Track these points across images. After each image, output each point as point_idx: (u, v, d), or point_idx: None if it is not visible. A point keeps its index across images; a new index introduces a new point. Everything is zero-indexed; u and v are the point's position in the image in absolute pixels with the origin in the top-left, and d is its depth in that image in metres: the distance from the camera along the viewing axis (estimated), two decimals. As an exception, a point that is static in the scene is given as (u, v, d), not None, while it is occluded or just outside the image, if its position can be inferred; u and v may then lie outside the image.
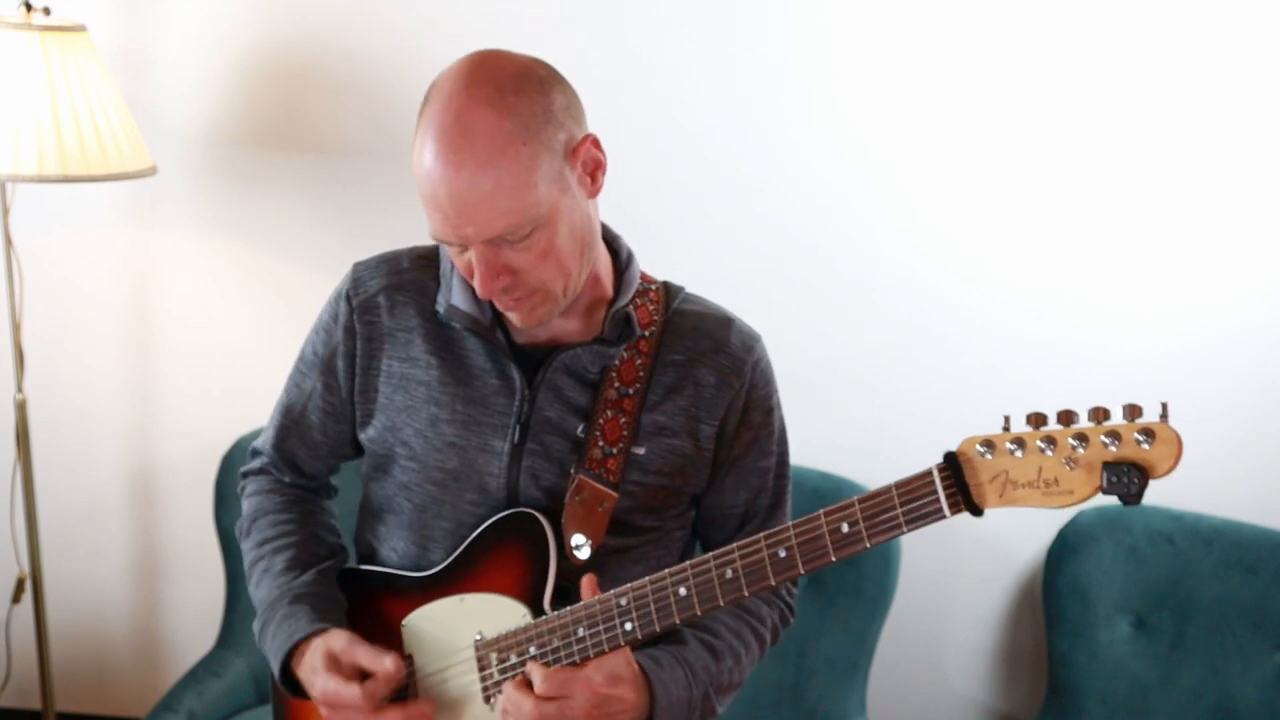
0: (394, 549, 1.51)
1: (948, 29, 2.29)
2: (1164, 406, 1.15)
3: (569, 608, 1.35)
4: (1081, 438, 1.15)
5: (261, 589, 1.51)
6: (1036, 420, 1.19)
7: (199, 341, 2.60)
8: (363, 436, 1.51)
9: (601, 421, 1.41)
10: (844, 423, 2.49)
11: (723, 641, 1.47)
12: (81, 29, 2.19)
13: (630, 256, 1.48)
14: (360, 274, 1.51)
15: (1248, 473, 2.41)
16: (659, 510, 1.47)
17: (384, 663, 1.38)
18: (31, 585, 2.49)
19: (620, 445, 1.42)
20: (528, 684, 1.34)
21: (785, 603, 1.58)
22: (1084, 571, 2.35)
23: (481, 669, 1.41)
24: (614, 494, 1.41)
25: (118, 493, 2.73)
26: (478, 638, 1.41)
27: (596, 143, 1.37)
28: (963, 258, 2.39)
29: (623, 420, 1.42)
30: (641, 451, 1.43)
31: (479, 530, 1.43)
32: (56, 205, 2.53)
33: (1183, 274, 2.35)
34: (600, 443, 1.41)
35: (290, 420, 1.55)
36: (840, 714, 2.36)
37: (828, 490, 2.39)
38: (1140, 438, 1.14)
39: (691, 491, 1.49)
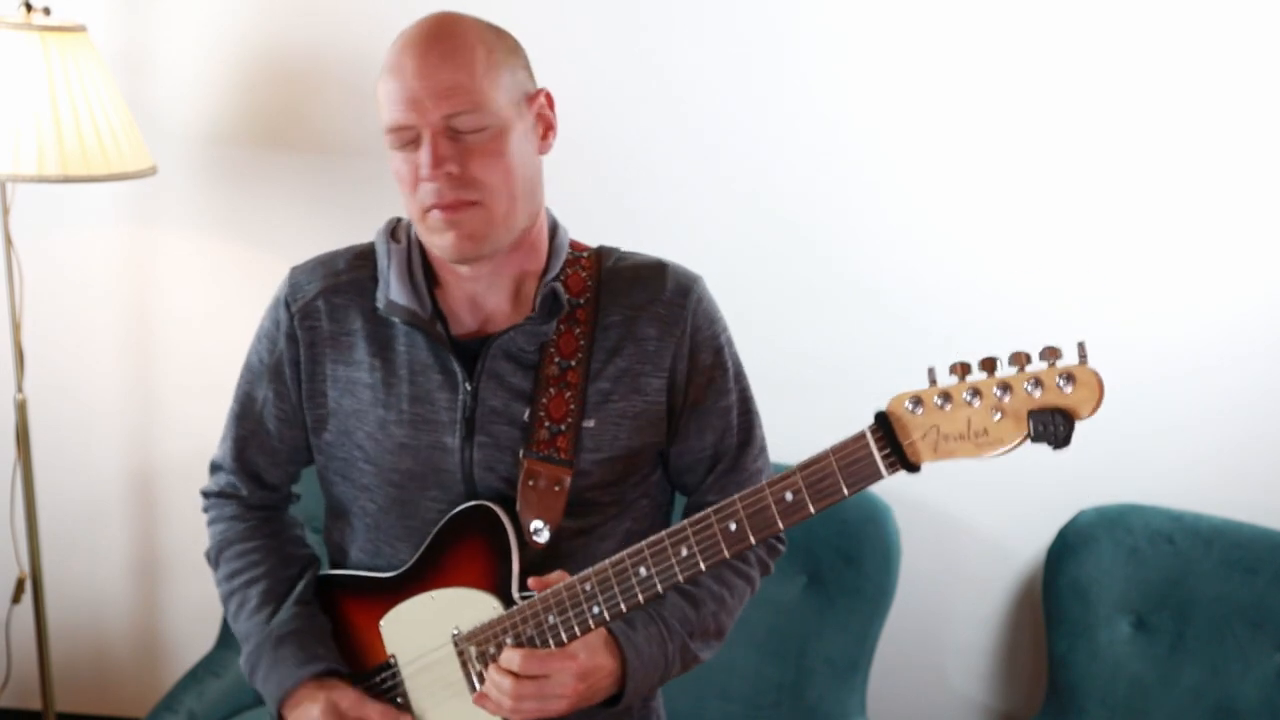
0: (363, 549, 1.52)
1: (949, 25, 2.29)
2: (1080, 346, 1.16)
3: (537, 596, 1.37)
4: (1005, 387, 1.16)
5: (240, 624, 1.54)
6: (961, 370, 1.20)
7: (199, 341, 2.60)
8: (316, 441, 1.51)
9: (545, 401, 1.41)
10: (843, 423, 2.48)
11: (702, 589, 1.47)
12: (81, 29, 2.19)
13: (556, 226, 1.49)
14: (297, 279, 1.51)
15: (1248, 473, 2.41)
16: (619, 482, 1.46)
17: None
18: (31, 585, 2.49)
19: (569, 421, 1.41)
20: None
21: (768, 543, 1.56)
22: (1084, 571, 2.35)
23: (463, 663, 1.43)
24: (568, 470, 1.41)
25: (118, 493, 2.73)
26: (455, 632, 1.42)
27: (551, 101, 1.43)
28: (963, 257, 2.39)
29: (568, 395, 1.41)
30: (591, 424, 1.42)
31: (439, 527, 1.44)
32: (56, 205, 2.53)
33: (1183, 274, 2.35)
34: (546, 423, 1.41)
35: (246, 430, 1.56)
36: (840, 714, 2.36)
37: (828, 490, 2.39)
38: (1061, 382, 1.15)
39: (651, 451, 1.48)
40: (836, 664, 2.38)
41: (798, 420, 2.50)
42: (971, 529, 2.53)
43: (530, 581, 1.37)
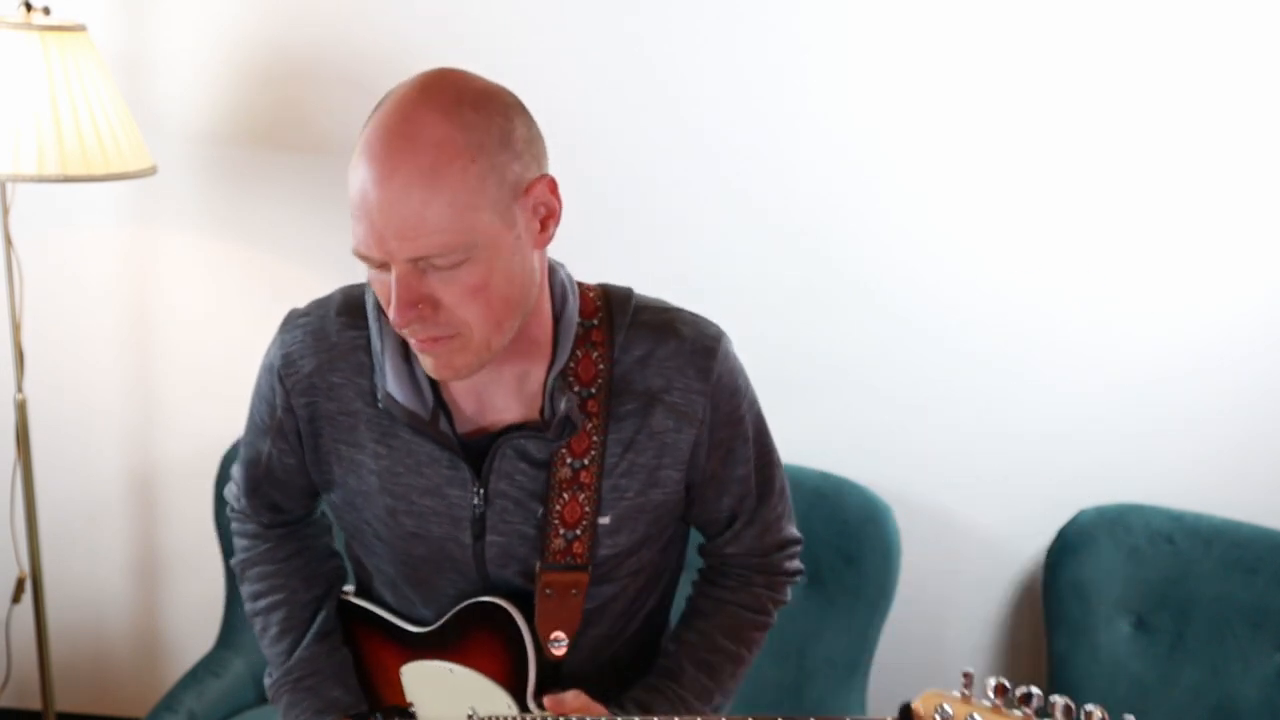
0: (384, 586, 1.50)
1: (951, 26, 2.29)
2: None
3: (551, 716, 1.35)
4: None
5: (264, 648, 1.53)
6: (999, 691, 1.12)
7: (199, 341, 2.60)
8: (326, 497, 1.46)
9: (558, 508, 1.33)
10: (844, 423, 2.49)
11: (720, 655, 1.46)
12: (81, 29, 2.18)
13: (565, 296, 1.34)
14: (289, 350, 1.38)
15: (1248, 473, 2.41)
16: (634, 556, 1.42)
17: None
18: (31, 585, 2.49)
19: (584, 524, 1.33)
20: None
21: (778, 580, 1.54)
22: (1084, 571, 2.35)
23: None
24: (585, 575, 1.35)
25: (118, 493, 2.73)
26: (470, 714, 1.41)
27: (553, 187, 1.24)
28: (964, 258, 2.39)
29: (582, 497, 1.33)
30: (607, 520, 1.35)
31: (459, 607, 1.41)
32: (56, 205, 2.53)
33: (1183, 274, 2.35)
34: (561, 530, 1.33)
35: (256, 475, 1.49)
36: (840, 714, 2.36)
37: (828, 490, 2.39)
38: None
39: (667, 531, 1.44)
40: (836, 664, 2.38)
41: (798, 420, 2.50)
42: (971, 529, 2.53)
43: (546, 701, 1.34)
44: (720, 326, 1.40)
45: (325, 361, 1.36)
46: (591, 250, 2.47)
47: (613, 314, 1.35)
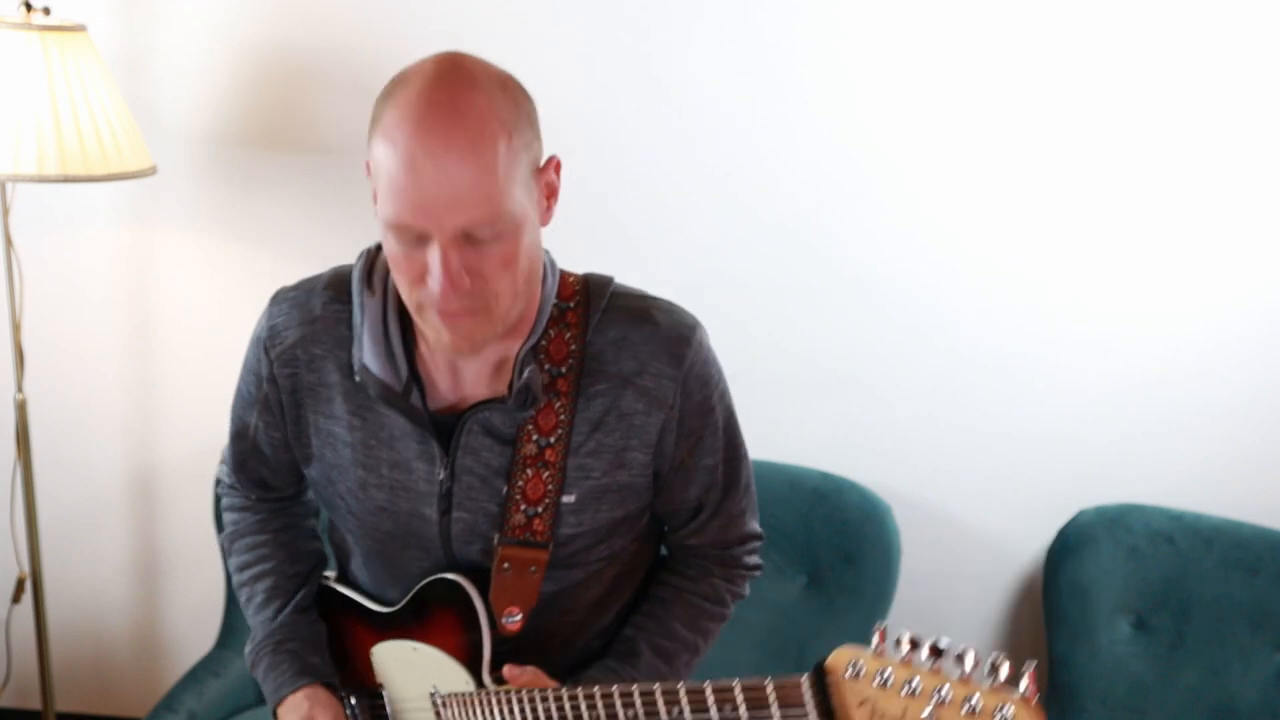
0: (359, 567, 1.54)
1: (953, 27, 2.29)
2: (1031, 683, 1.02)
3: (505, 689, 1.36)
4: (941, 700, 1.07)
5: (248, 616, 1.57)
6: (912, 642, 1.11)
7: (199, 341, 2.60)
8: (306, 470, 1.49)
9: (521, 483, 1.34)
10: (844, 423, 2.49)
11: (676, 642, 1.48)
12: (81, 29, 2.19)
13: (545, 274, 1.35)
14: (275, 321, 1.41)
15: (1248, 473, 2.41)
16: (602, 543, 1.43)
17: None
18: (31, 585, 2.49)
19: (546, 501, 1.35)
20: None
21: (737, 573, 1.54)
22: (1084, 571, 2.35)
23: (439, 718, 1.45)
24: (544, 552, 1.36)
25: (118, 493, 2.73)
26: (433, 690, 1.44)
27: (559, 167, 1.29)
28: (964, 257, 2.39)
29: (546, 475, 1.34)
30: (571, 499, 1.36)
31: (421, 585, 1.43)
32: (56, 205, 2.53)
33: (1183, 275, 2.35)
34: (522, 506, 1.35)
35: (244, 449, 1.53)
36: (840, 714, 2.36)
37: (828, 490, 2.39)
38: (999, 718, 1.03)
39: (636, 514, 1.44)
40: (836, 664, 2.37)
41: (798, 420, 2.50)
42: (971, 529, 2.53)
43: (505, 670, 1.36)
44: (697, 317, 1.40)
45: (308, 334, 1.39)
46: (591, 250, 2.47)
47: (590, 297, 1.37)
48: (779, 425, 2.49)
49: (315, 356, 1.39)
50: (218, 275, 2.56)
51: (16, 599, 2.60)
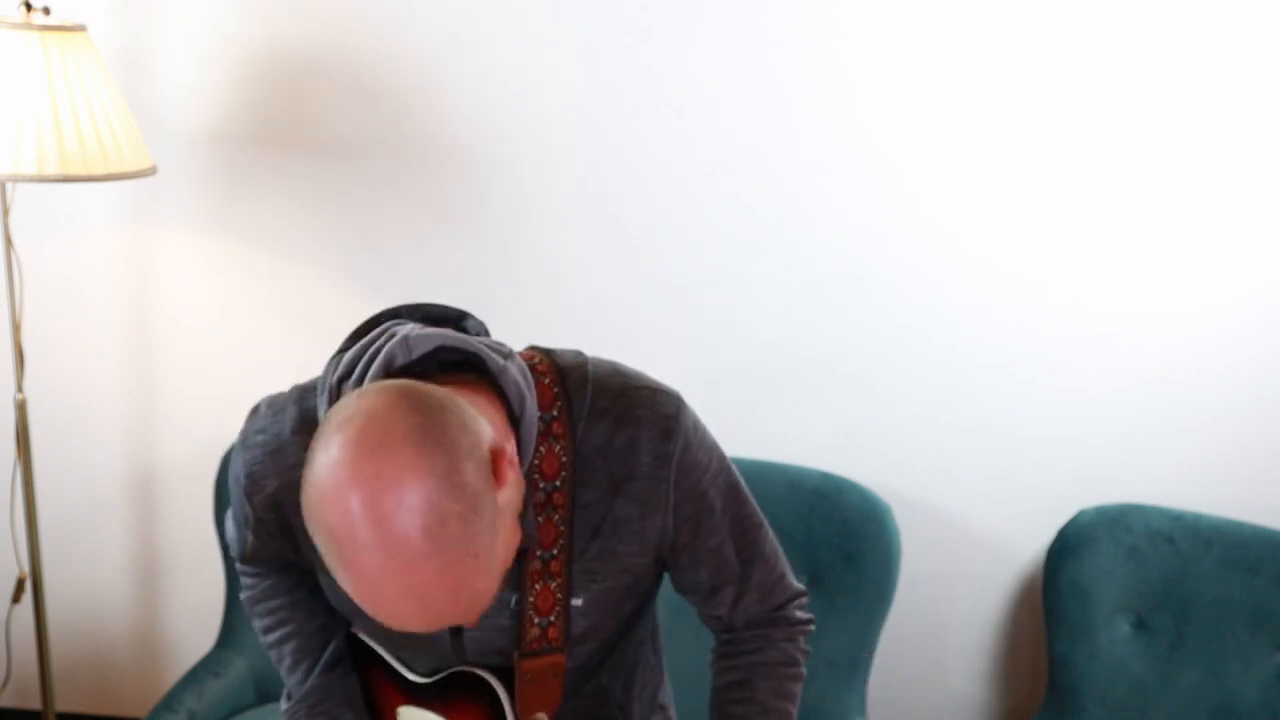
0: None
1: (953, 27, 2.29)
2: None
3: None
4: None
5: (282, 675, 1.56)
6: None
7: (199, 341, 2.60)
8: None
9: (531, 599, 1.34)
10: (844, 423, 2.49)
11: (774, 715, 1.45)
12: (81, 29, 2.18)
13: (521, 397, 1.23)
14: (252, 469, 1.35)
15: (1248, 473, 2.41)
16: (611, 621, 1.42)
17: None
18: (31, 585, 2.49)
19: (557, 610, 1.35)
20: None
21: (795, 631, 1.52)
22: (1084, 571, 2.35)
23: None
24: (561, 656, 1.36)
25: (118, 493, 2.73)
26: None
27: (502, 448, 1.13)
28: (964, 257, 2.39)
29: (554, 585, 1.34)
30: (580, 602, 1.36)
31: (448, 674, 1.41)
32: (56, 205, 2.53)
33: (1183, 275, 2.35)
34: (535, 619, 1.34)
35: (245, 551, 1.49)
36: (840, 714, 2.36)
37: (828, 490, 2.39)
38: None
39: (645, 602, 1.45)
40: (836, 664, 2.37)
41: (798, 420, 2.50)
42: (971, 529, 2.53)
43: None
44: (677, 393, 1.36)
45: (288, 481, 1.33)
46: (591, 251, 2.48)
47: (571, 401, 1.32)
48: (779, 425, 2.49)
49: (298, 501, 1.32)
50: (218, 275, 2.56)
51: (16, 599, 2.60)
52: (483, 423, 1.12)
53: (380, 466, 1.05)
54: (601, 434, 1.31)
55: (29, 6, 2.16)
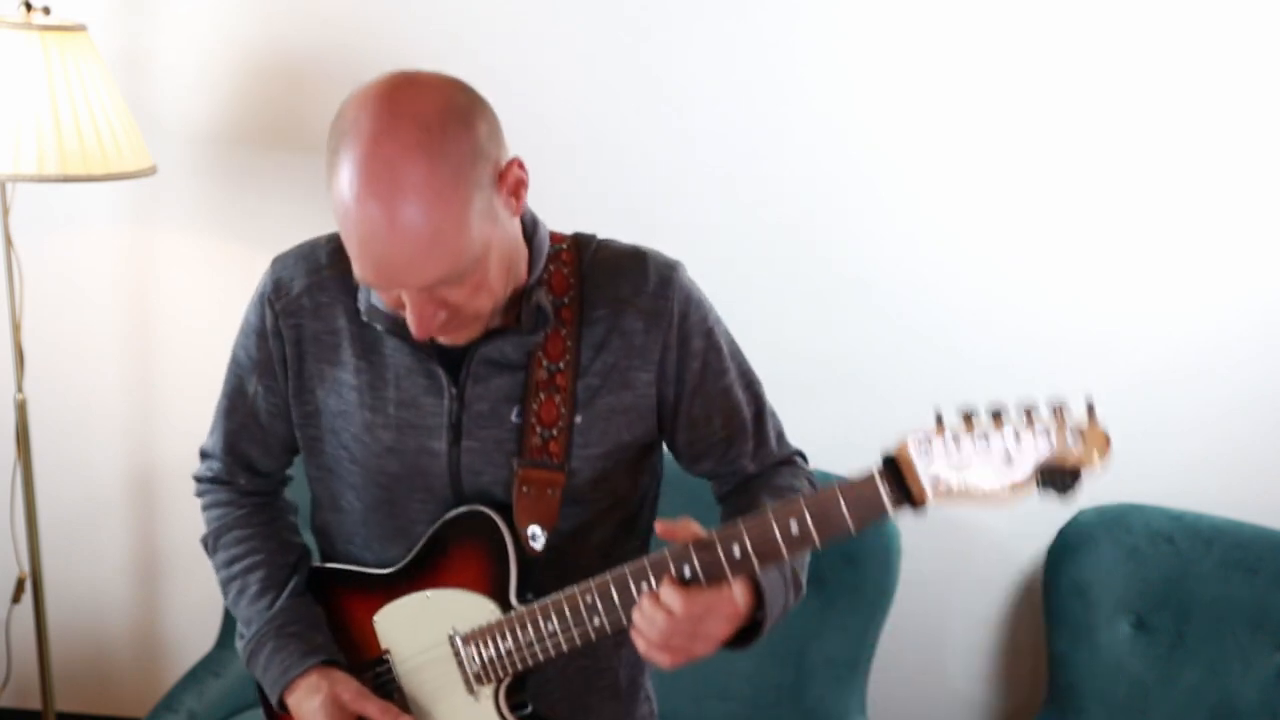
0: (350, 542, 1.53)
1: (953, 27, 2.29)
2: (1090, 405, 1.16)
3: (536, 604, 1.38)
4: (1016, 438, 1.17)
5: (240, 609, 1.56)
6: (968, 420, 1.20)
7: (199, 341, 2.60)
8: (302, 436, 1.51)
9: (535, 406, 1.40)
10: (844, 423, 2.49)
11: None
12: (81, 29, 2.19)
13: (535, 223, 1.42)
14: (280, 275, 1.46)
15: (1248, 473, 2.41)
16: (609, 476, 1.45)
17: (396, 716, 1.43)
18: (31, 585, 2.49)
19: (560, 424, 1.40)
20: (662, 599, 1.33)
21: (796, 466, 1.57)
22: (1084, 571, 2.35)
23: (459, 663, 1.44)
24: (561, 474, 1.41)
25: (118, 493, 2.73)
26: (451, 633, 1.44)
27: (520, 164, 1.31)
28: (964, 257, 2.39)
29: (558, 398, 1.40)
30: (580, 420, 1.41)
31: (434, 529, 1.45)
32: (56, 205, 2.53)
33: (1183, 275, 2.35)
34: (538, 428, 1.40)
35: (237, 424, 1.55)
36: (840, 714, 2.36)
37: (828, 490, 2.39)
38: (1071, 440, 1.15)
39: (639, 443, 1.47)
40: (836, 664, 2.38)
41: (798, 420, 2.50)
42: (971, 529, 2.53)
43: (657, 525, 1.34)
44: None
45: (315, 282, 1.44)
46: (591, 250, 2.48)
47: (578, 241, 1.46)
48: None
49: (322, 304, 1.43)
50: (218, 275, 2.56)
51: (16, 599, 2.60)
52: (508, 153, 1.28)
53: (409, 88, 1.24)
54: (608, 264, 1.43)
55: (29, 6, 2.17)
